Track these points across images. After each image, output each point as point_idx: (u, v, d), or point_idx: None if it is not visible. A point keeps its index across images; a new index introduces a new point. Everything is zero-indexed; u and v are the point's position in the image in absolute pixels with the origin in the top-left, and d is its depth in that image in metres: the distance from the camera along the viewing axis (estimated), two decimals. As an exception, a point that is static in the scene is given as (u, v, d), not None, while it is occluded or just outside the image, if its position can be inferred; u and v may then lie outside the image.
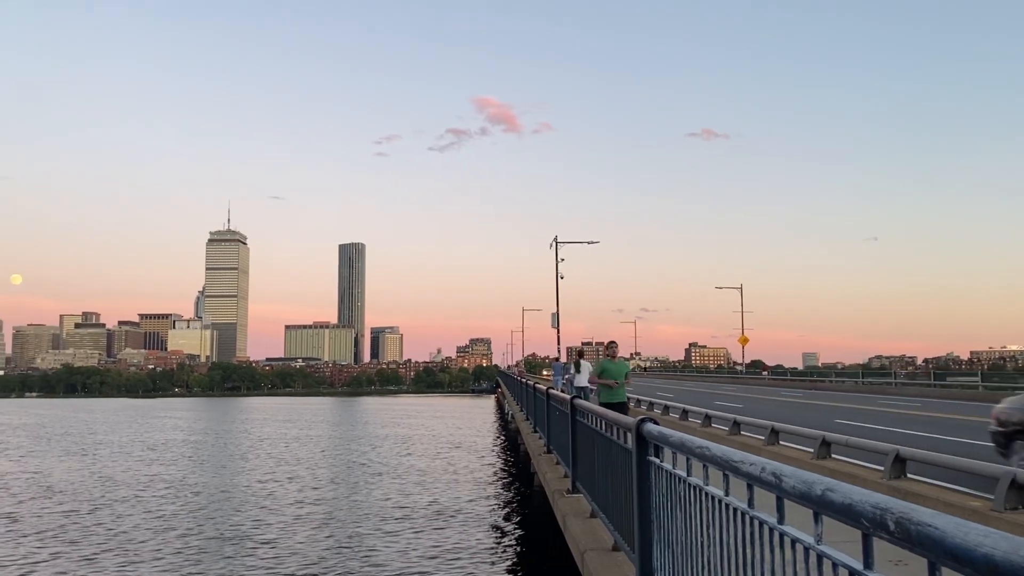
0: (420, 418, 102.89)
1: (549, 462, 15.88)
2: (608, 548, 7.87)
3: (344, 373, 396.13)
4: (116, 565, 20.61)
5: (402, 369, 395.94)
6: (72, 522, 27.01)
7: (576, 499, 10.90)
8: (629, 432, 6.30)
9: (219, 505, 30.38)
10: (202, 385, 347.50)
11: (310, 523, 26.12)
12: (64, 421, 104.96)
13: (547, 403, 17.43)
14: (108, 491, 34.67)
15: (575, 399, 11.61)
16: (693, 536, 4.38)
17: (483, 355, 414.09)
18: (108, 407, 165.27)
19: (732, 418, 21.04)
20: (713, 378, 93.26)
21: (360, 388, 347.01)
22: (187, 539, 23.86)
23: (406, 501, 30.40)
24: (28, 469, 44.63)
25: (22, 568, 20.45)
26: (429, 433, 72.26)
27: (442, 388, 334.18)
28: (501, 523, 25.99)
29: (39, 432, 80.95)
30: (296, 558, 20.98)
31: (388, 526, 25.24)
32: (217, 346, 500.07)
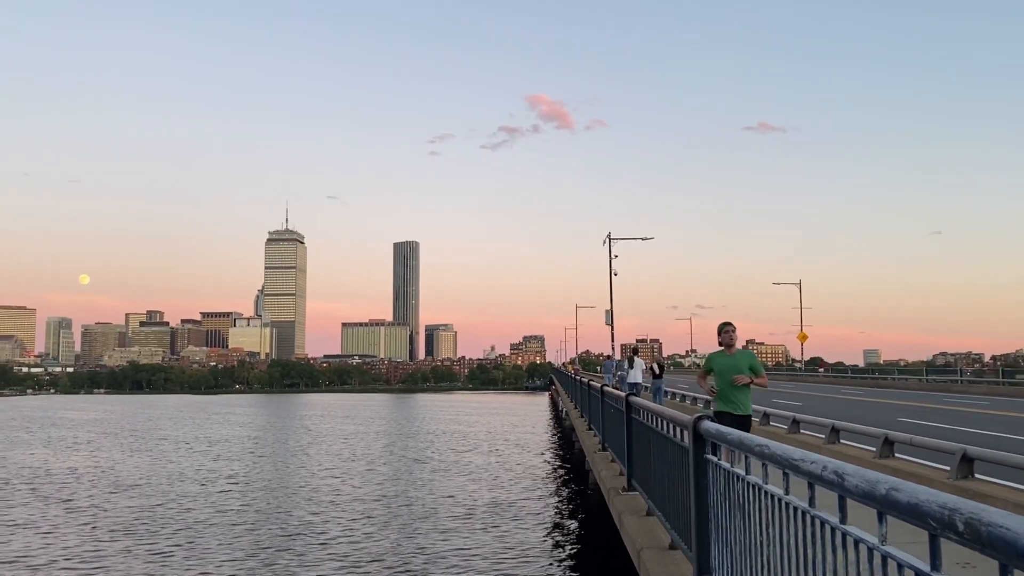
0: (475, 415, 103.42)
1: (604, 459, 15.84)
2: (665, 546, 7.83)
3: (399, 370, 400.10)
4: (181, 559, 21.19)
5: (456, 366, 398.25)
6: (140, 516, 27.84)
7: (632, 497, 10.85)
8: (686, 430, 6.26)
9: (281, 500, 31.00)
10: (262, 382, 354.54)
11: (370, 519, 26.48)
12: (131, 417, 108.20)
13: (601, 400, 17.38)
14: (174, 486, 35.65)
15: (630, 396, 11.56)
16: (752, 535, 4.34)
17: (536, 352, 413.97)
18: (172, 403, 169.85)
19: (791, 416, 20.70)
20: (771, 376, 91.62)
21: (415, 385, 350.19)
22: (250, 534, 24.40)
23: (462, 498, 30.60)
24: (98, 464, 46.14)
25: (93, 560, 21.17)
26: (484, 430, 72.60)
27: (496, 385, 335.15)
28: (557, 520, 25.99)
29: (108, 428, 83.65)
30: (356, 554, 21.29)
31: (445, 523, 25.45)
32: (276, 344, 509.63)
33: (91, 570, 19.91)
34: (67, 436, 70.01)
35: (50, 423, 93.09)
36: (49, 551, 22.12)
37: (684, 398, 34.50)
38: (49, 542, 23.35)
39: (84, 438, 67.62)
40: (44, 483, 37.00)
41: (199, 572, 19.56)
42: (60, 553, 21.84)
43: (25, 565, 20.50)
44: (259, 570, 19.65)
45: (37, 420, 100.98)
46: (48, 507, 29.85)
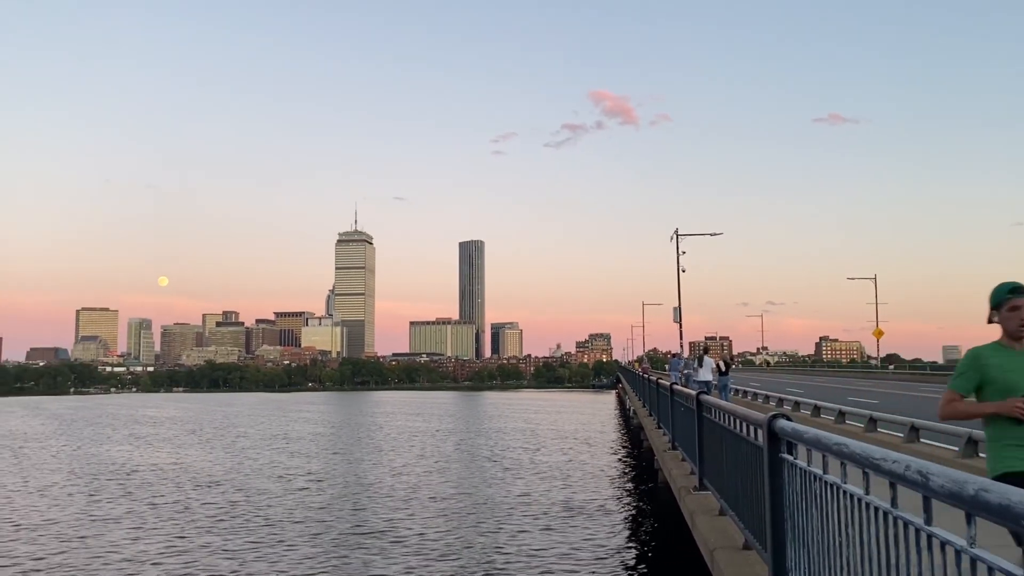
0: (542, 413, 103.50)
1: (674, 458, 15.71)
2: (738, 546, 7.73)
3: (466, 368, 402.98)
4: (260, 555, 21.78)
5: (522, 364, 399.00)
6: (220, 512, 28.73)
7: (703, 496, 10.73)
8: (760, 429, 6.17)
9: (356, 498, 31.58)
10: (333, 380, 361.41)
11: (442, 517, 26.77)
12: (209, 415, 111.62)
13: (671, 399, 17.22)
14: (252, 482, 36.67)
15: (701, 394, 11.44)
16: (830, 535, 4.27)
17: (603, 350, 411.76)
18: (247, 401, 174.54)
19: (867, 414, 20.16)
20: (845, 373, 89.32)
21: (482, 383, 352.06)
22: (326, 530, 24.94)
23: (532, 496, 30.67)
24: (180, 461, 47.76)
25: (176, 556, 21.94)
26: (551, 428, 72.62)
27: (562, 383, 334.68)
28: (626, 519, 25.86)
29: (188, 426, 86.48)
30: (429, 551, 21.56)
31: (516, 521, 25.54)
32: (347, 342, 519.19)
33: (175, 565, 20.63)
34: (149, 433, 72.65)
35: (133, 421, 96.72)
36: (135, 546, 23.00)
37: (756, 396, 33.93)
38: (135, 537, 24.28)
39: (165, 435, 70.07)
40: (130, 480, 38.47)
41: (277, 567, 20.08)
42: (146, 548, 22.69)
43: (114, 560, 21.36)
44: (335, 566, 20.07)
45: (121, 418, 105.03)
46: (134, 503, 31.03)
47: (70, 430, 78.74)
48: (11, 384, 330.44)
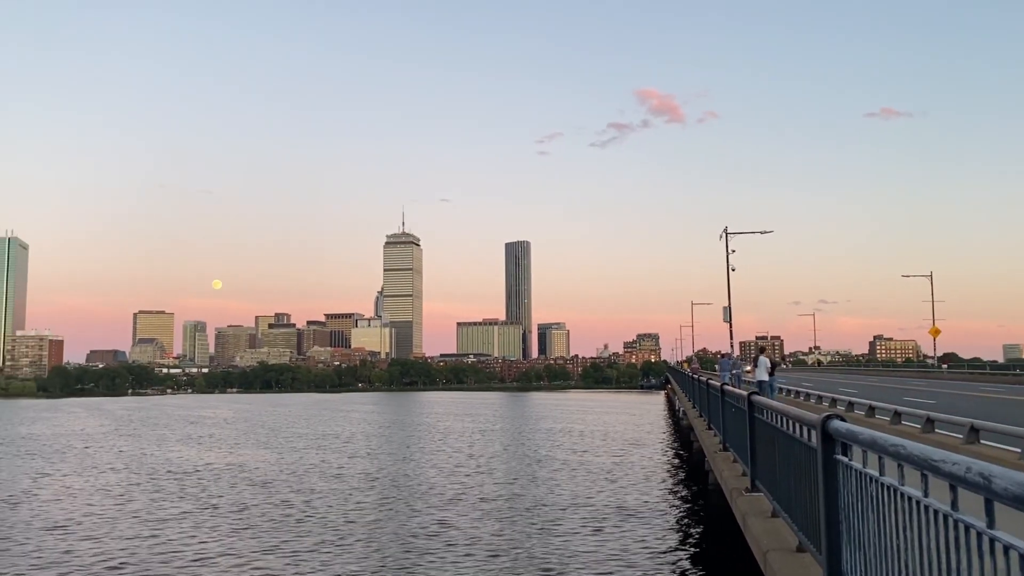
0: (590, 413, 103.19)
1: (725, 460, 15.54)
2: (792, 549, 7.63)
3: (513, 368, 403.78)
4: (310, 556, 22.12)
5: (569, 365, 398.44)
6: (275, 511, 29.26)
7: (755, 498, 10.61)
8: (813, 430, 6.09)
9: (406, 498, 31.88)
10: (383, 380, 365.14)
11: (492, 517, 26.87)
12: (263, 416, 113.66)
13: (722, 399, 17.04)
14: (306, 481, 37.25)
15: (752, 395, 11.30)
16: (887, 539, 4.20)
17: (651, 350, 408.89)
18: (299, 402, 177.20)
19: (924, 415, 19.69)
20: (900, 373, 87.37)
21: (529, 383, 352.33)
22: (378, 529, 25.22)
23: (581, 498, 30.61)
24: (237, 460, 48.72)
25: (232, 553, 22.39)
26: (600, 429, 72.36)
27: (610, 384, 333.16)
28: (676, 521, 25.66)
29: (242, 426, 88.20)
30: (479, 552, 21.66)
31: (565, 522, 25.51)
32: (395, 343, 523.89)
33: (233, 564, 21.06)
34: (206, 434, 74.24)
35: (189, 421, 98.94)
36: (194, 545, 23.53)
37: (808, 396, 33.38)
38: (194, 536, 24.84)
39: (221, 436, 71.54)
40: (188, 479, 39.37)
41: (331, 567, 20.36)
42: (204, 547, 23.20)
43: (174, 559, 21.89)
44: (387, 567, 20.29)
45: (178, 419, 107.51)
46: (192, 503, 31.75)
47: (129, 431, 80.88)
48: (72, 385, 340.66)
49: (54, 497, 32.90)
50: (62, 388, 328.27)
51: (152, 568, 20.18)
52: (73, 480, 38.73)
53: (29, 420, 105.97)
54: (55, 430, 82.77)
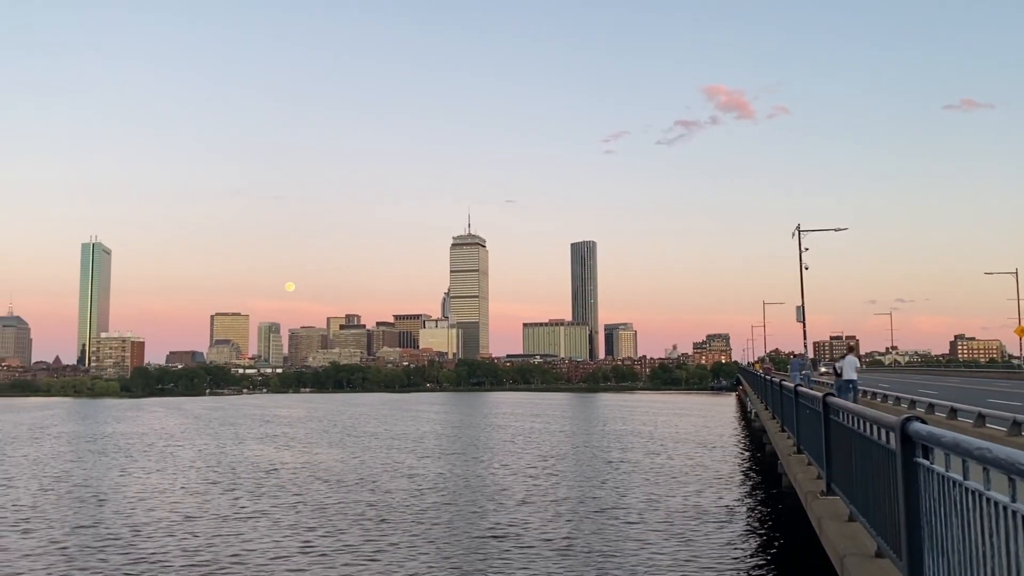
0: (660, 415, 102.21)
1: (800, 462, 15.26)
2: (870, 554, 7.47)
3: (580, 369, 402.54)
4: (383, 554, 22.49)
5: (637, 366, 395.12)
6: (350, 510, 29.84)
7: (831, 501, 10.40)
8: (892, 432, 5.96)
9: (476, 498, 32.13)
10: (450, 381, 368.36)
11: (560, 519, 26.88)
12: (336, 415, 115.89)
13: (795, 401, 16.73)
14: (380, 481, 37.88)
15: (828, 396, 11.08)
16: (972, 545, 4.09)
17: (721, 351, 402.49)
18: (370, 401, 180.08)
19: (1011, 417, 18.92)
20: (984, 374, 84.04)
21: (596, 384, 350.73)
22: (449, 530, 25.49)
23: (651, 500, 30.37)
24: (312, 460, 49.84)
25: (309, 552, 22.94)
26: (670, 431, 71.62)
27: (679, 385, 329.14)
28: (749, 524, 25.24)
29: (317, 425, 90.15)
30: (548, 555, 21.70)
31: (635, 526, 25.33)
32: (462, 343, 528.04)
33: (310, 562, 21.57)
34: (282, 433, 76.12)
35: (265, 420, 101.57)
36: (271, 543, 24.17)
37: (886, 398, 32.44)
38: (271, 534, 25.52)
39: (295, 436, 73.26)
40: (266, 478, 40.44)
41: (405, 566, 20.67)
42: (281, 545, 23.82)
43: (252, 556, 22.53)
44: (458, 567, 20.49)
45: (255, 418, 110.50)
46: (269, 501, 32.61)
47: (208, 430, 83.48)
48: (153, 385, 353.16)
49: (138, 495, 34.19)
50: (144, 388, 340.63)
51: (231, 566, 20.80)
52: (155, 478, 40.18)
53: (113, 419, 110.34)
54: (138, 429, 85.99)
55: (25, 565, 20.74)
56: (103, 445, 61.99)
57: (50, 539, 24.19)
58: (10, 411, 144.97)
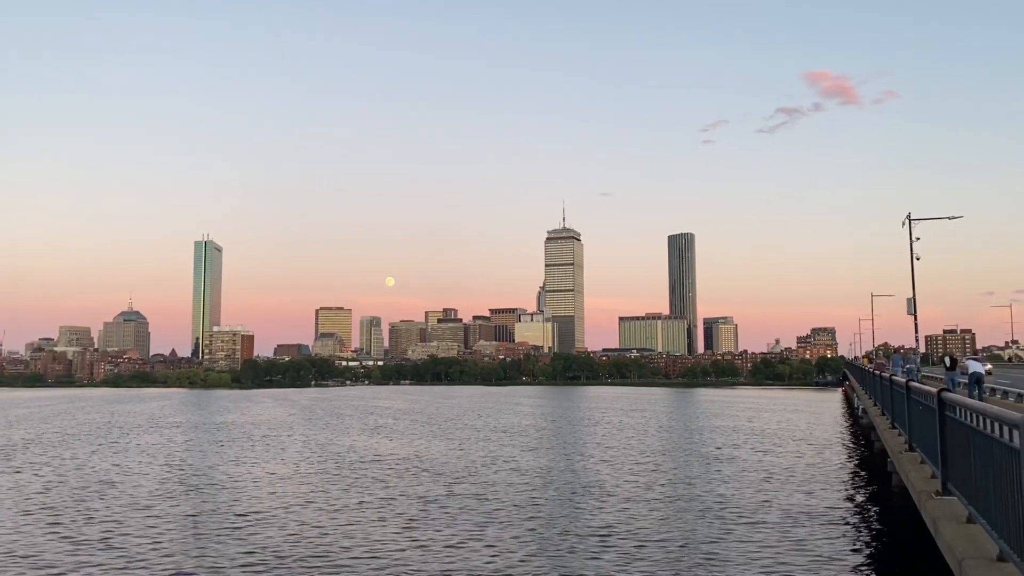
0: (762, 411, 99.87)
1: (912, 460, 14.73)
2: (992, 558, 7.19)
3: (678, 364, 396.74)
4: (484, 546, 22.83)
5: (738, 360, 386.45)
6: (453, 501, 30.43)
7: (947, 502, 10.02)
8: (1015, 430, 5.74)
9: (577, 493, 32.23)
10: (546, 374, 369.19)
11: (662, 515, 26.69)
12: (436, 407, 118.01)
13: (907, 396, 16.13)
14: (482, 473, 38.45)
15: (943, 392, 10.67)
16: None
17: (827, 346, 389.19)
18: (468, 394, 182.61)
19: None
20: (1119, 370, 78.38)
21: (695, 379, 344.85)
22: (549, 524, 25.66)
23: (755, 497, 29.78)
24: (415, 451, 51.00)
25: (414, 544, 23.53)
26: (774, 427, 69.91)
27: (782, 381, 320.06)
28: (857, 524, 24.43)
29: (418, 417, 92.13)
30: (652, 550, 21.60)
31: (738, 521, 24.90)
32: (557, 337, 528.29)
33: (414, 549, 22.13)
34: (384, 424, 78.17)
35: (368, 412, 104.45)
36: (377, 531, 24.89)
37: (1007, 394, 30.78)
38: (376, 521, 26.28)
39: (396, 427, 75.06)
40: (371, 467, 41.64)
41: (505, 557, 20.94)
42: (386, 533, 24.51)
43: (357, 543, 23.26)
44: (560, 562, 20.63)
45: (359, 409, 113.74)
46: (375, 490, 33.56)
47: (315, 420, 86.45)
48: (262, 377, 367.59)
49: (251, 483, 35.78)
50: (253, 380, 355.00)
51: (339, 554, 21.53)
52: (265, 466, 41.93)
53: (225, 409, 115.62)
54: (248, 419, 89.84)
55: (148, 548, 22.04)
56: (218, 435, 65.08)
57: (170, 523, 25.62)
58: (131, 401, 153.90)
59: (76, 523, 24.97)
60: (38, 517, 26.20)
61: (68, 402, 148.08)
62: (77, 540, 22.33)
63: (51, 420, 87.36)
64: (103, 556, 20.53)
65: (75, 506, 28.40)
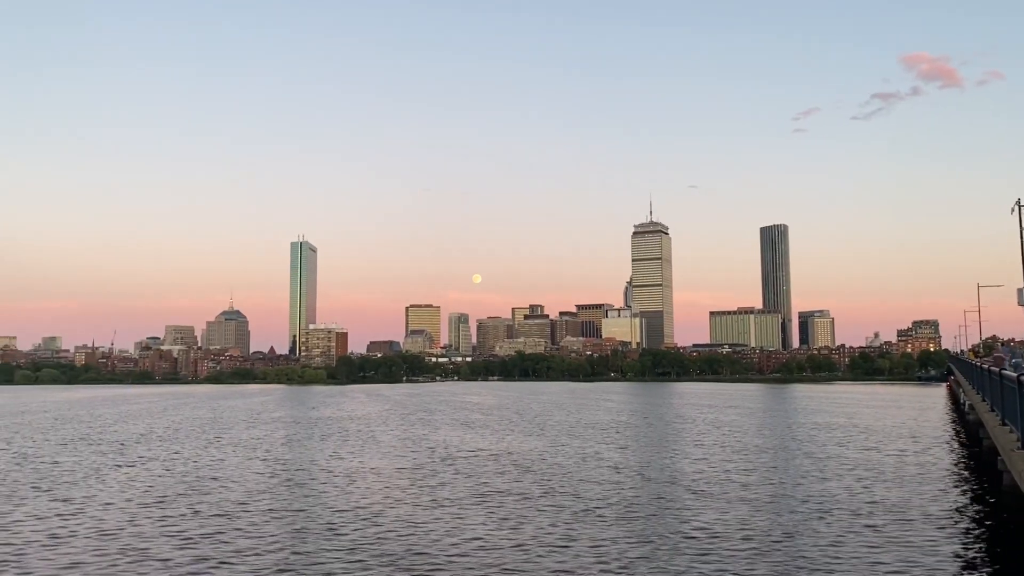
0: (863, 407, 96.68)
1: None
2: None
3: (772, 359, 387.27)
4: (576, 544, 22.92)
5: (835, 355, 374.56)
6: (547, 498, 30.66)
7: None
8: None
9: (672, 492, 32.00)
10: (634, 370, 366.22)
11: (763, 517, 26.21)
12: (525, 402, 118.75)
13: (1018, 392, 15.49)
14: (575, 471, 38.58)
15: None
16: None
17: (929, 339, 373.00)
18: (555, 390, 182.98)
19: None
20: None
21: (790, 375, 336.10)
22: (645, 525, 25.58)
23: (858, 497, 28.89)
24: (506, 446, 51.54)
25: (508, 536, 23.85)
26: (875, 423, 67.62)
27: (882, 375, 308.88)
28: (966, 526, 23.41)
29: (507, 412, 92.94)
30: (750, 553, 21.30)
31: (839, 524, 24.13)
32: (646, 333, 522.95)
33: (510, 546, 22.44)
34: (474, 420, 79.18)
35: (459, 407, 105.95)
36: (469, 529, 25.32)
37: None
38: (467, 517, 26.72)
39: (488, 422, 75.91)
40: (464, 462, 42.31)
41: (602, 556, 21.00)
42: (477, 530, 24.91)
43: (451, 541, 23.73)
44: (655, 563, 20.57)
45: (450, 404, 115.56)
46: (469, 485, 34.10)
47: (408, 415, 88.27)
48: (356, 373, 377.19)
49: (349, 477, 36.84)
50: (347, 376, 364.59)
51: (437, 550, 22.01)
52: (362, 461, 43.06)
53: (322, 405, 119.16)
54: (344, 414, 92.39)
55: (251, 542, 23.04)
56: (316, 430, 67.19)
57: (273, 518, 26.66)
58: (233, 397, 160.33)
59: (184, 517, 26.18)
60: (151, 511, 27.63)
61: (174, 398, 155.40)
62: (186, 534, 23.40)
63: (159, 416, 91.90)
64: (209, 550, 21.51)
65: (183, 500, 29.80)
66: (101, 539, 22.55)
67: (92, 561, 19.96)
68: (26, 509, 27.64)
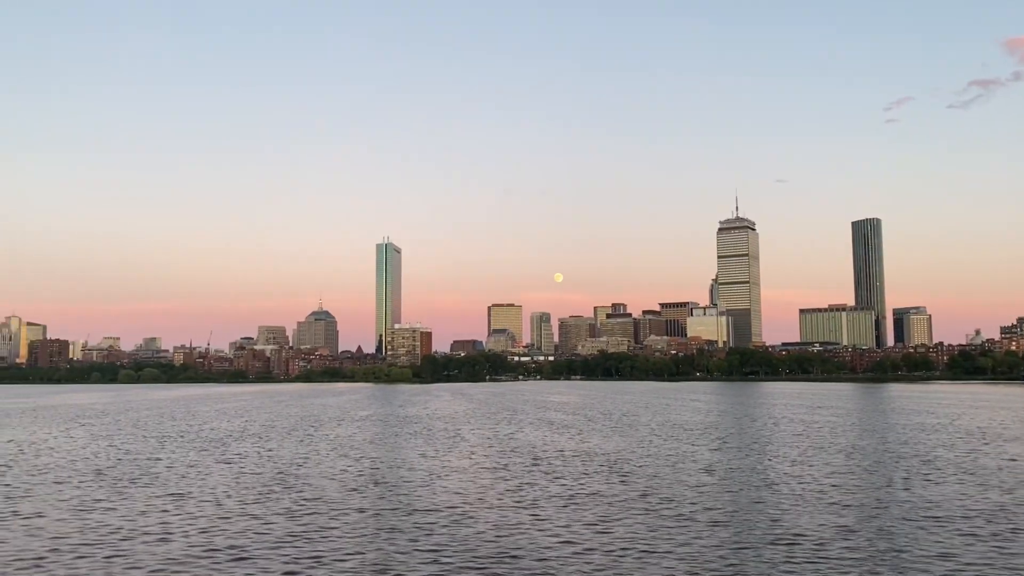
0: (965, 408, 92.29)
1: None
2: None
3: (865, 358, 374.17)
4: (664, 544, 22.33)
5: (932, 353, 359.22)
6: (630, 499, 30.09)
7: None
8: None
9: (764, 495, 30.99)
10: (721, 370, 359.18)
11: (866, 523, 25.01)
12: (609, 402, 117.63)
13: None
14: (665, 472, 37.84)
15: None
16: None
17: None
18: (640, 389, 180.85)
19: None
20: None
21: (884, 374, 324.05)
22: (736, 528, 24.77)
23: (962, 504, 27.34)
24: (591, 447, 51.00)
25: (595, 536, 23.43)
26: (980, 425, 64.32)
27: (983, 375, 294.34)
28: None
29: (591, 412, 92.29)
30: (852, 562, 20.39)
31: (943, 533, 22.86)
32: (732, 332, 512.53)
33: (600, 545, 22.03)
34: (558, 420, 78.74)
35: (543, 406, 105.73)
36: (553, 529, 24.98)
37: None
38: (557, 519, 26.38)
39: (573, 423, 75.45)
40: (551, 461, 42.00)
41: (686, 561, 20.38)
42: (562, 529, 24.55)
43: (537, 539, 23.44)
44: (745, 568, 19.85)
45: (533, 403, 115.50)
46: (554, 486, 33.77)
47: (492, 414, 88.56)
48: (440, 372, 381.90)
49: (436, 476, 36.97)
50: (431, 374, 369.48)
51: (525, 551, 21.74)
52: (449, 460, 43.19)
53: (408, 403, 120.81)
54: (430, 412, 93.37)
55: (340, 540, 23.25)
56: (402, 428, 68.03)
57: (361, 516, 26.90)
58: (323, 396, 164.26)
59: (279, 514, 26.66)
60: (247, 507, 28.26)
61: (267, 397, 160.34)
62: (280, 532, 23.76)
63: (254, 414, 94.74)
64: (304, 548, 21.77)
65: (276, 498, 30.39)
66: (201, 535, 23.12)
67: (192, 558, 20.43)
68: (130, 504, 28.64)
